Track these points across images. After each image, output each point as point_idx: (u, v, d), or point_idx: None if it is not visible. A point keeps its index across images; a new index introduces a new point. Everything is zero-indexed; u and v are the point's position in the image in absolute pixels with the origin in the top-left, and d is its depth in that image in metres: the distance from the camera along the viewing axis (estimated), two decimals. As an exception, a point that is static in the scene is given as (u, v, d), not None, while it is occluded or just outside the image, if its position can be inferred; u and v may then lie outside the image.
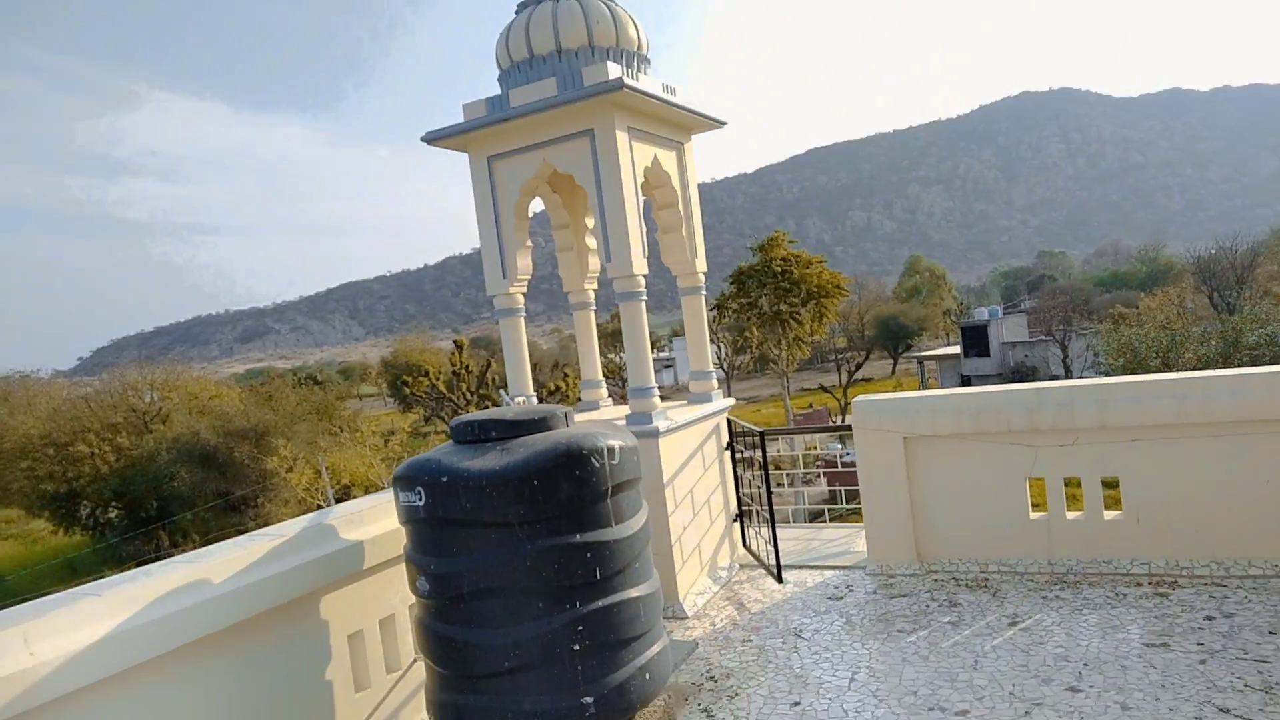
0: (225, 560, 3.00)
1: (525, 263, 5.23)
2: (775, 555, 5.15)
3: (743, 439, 5.68)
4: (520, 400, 5.20)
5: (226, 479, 29.08)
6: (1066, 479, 4.76)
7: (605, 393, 6.02)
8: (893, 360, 63.39)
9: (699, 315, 5.73)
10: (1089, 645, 3.76)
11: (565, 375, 36.27)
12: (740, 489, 5.77)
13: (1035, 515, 4.83)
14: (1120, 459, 4.57)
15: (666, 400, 5.58)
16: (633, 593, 3.17)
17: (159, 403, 34.17)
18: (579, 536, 3.01)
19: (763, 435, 5.31)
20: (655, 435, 4.69)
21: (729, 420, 5.70)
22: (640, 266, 4.82)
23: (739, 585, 5.23)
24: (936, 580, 4.85)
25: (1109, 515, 4.69)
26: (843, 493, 9.91)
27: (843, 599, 4.76)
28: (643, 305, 4.96)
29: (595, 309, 6.13)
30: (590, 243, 5.89)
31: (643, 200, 5.02)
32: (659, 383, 4.97)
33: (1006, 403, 4.78)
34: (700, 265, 5.62)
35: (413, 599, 3.70)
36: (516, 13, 5.11)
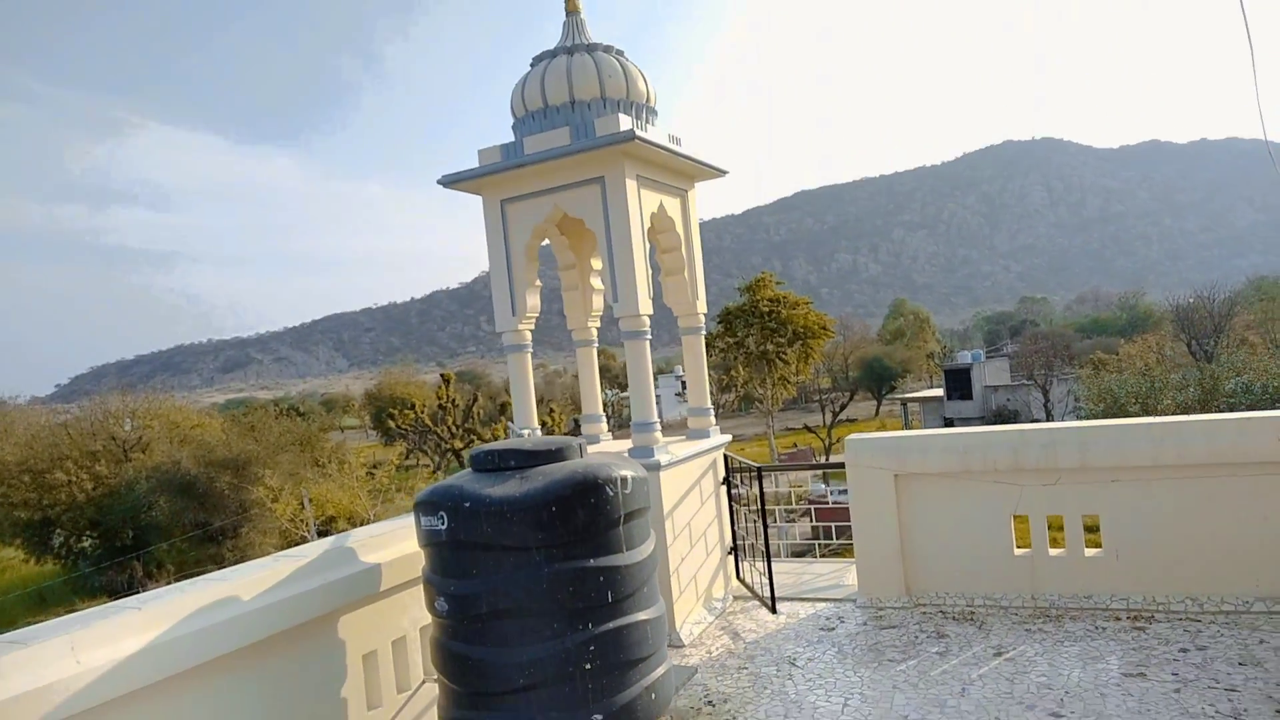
0: (253, 579, 3.15)
1: (534, 301, 5.45)
2: (770, 587, 5.32)
3: (737, 474, 5.87)
4: (528, 432, 5.38)
5: (205, 509, 28.82)
6: (1049, 517, 4.97)
7: (605, 427, 6.20)
8: (877, 401, 63.85)
9: (698, 354, 5.95)
10: (1070, 675, 3.94)
11: (550, 410, 36.37)
12: (735, 523, 5.94)
13: (1019, 551, 5.03)
14: (1100, 499, 4.79)
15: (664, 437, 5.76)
16: (641, 616, 3.33)
17: (139, 431, 33.92)
18: (593, 561, 3.18)
19: (759, 471, 5.50)
20: (657, 468, 4.87)
21: (726, 456, 5.90)
22: (646, 307, 5.04)
23: (734, 616, 5.38)
24: (925, 613, 5.02)
25: (1090, 553, 4.90)
26: (828, 530, 10.05)
27: (835, 630, 4.92)
28: (647, 344, 5.17)
29: (596, 345, 6.34)
30: (595, 282, 6.11)
31: (648, 245, 5.26)
32: (658, 420, 5.17)
33: (993, 443, 5.01)
34: (701, 306, 5.85)
35: (423, 621, 3.86)
36: (532, 65, 5.39)
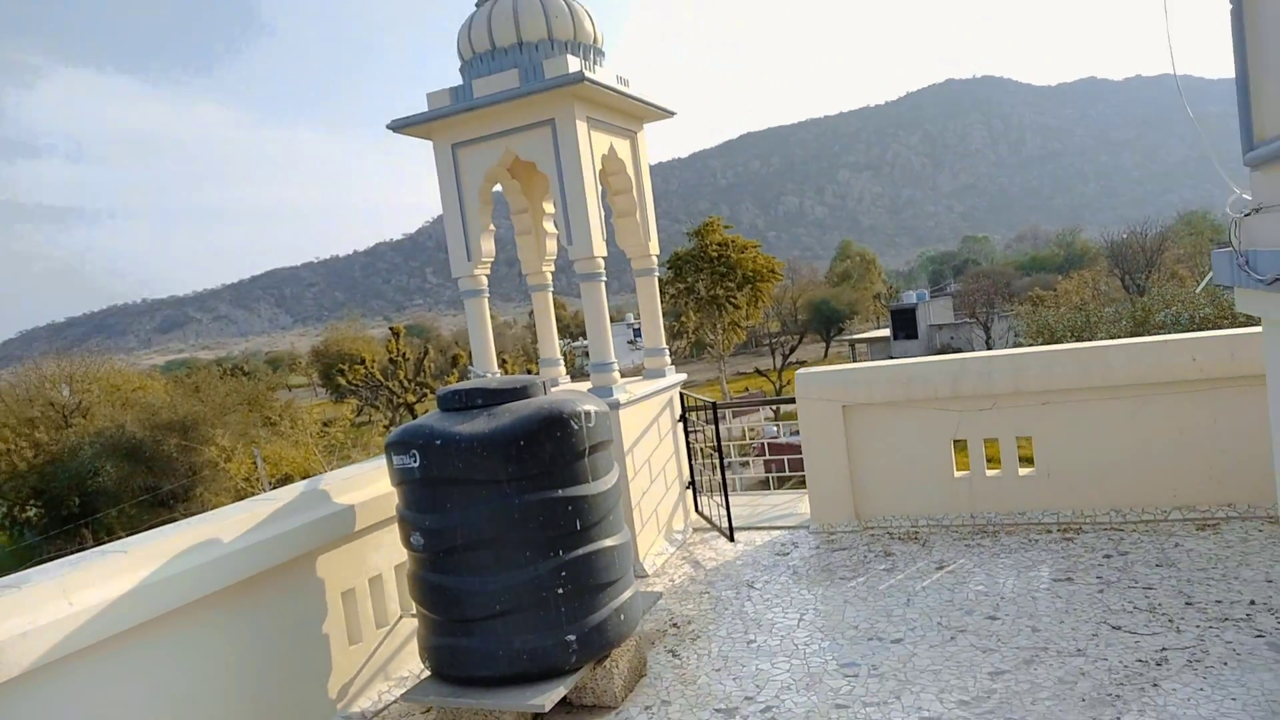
0: (234, 521, 3.25)
1: (489, 246, 5.50)
2: (728, 518, 5.56)
3: (693, 413, 6.06)
4: (489, 374, 5.49)
5: (154, 473, 28.31)
6: (986, 440, 5.28)
7: (564, 370, 6.33)
8: (825, 343, 64.97)
9: (652, 296, 6.08)
10: (1005, 583, 4.26)
11: (504, 362, 36.30)
12: (692, 459, 6.16)
13: (959, 474, 5.34)
14: (1033, 421, 5.10)
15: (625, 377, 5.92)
16: (608, 542, 3.51)
17: (79, 396, 32.98)
18: (561, 491, 3.34)
19: (715, 407, 5.70)
20: (616, 407, 5.03)
21: (682, 394, 6.08)
22: (600, 249, 5.13)
23: (694, 546, 5.63)
24: (873, 535, 5.32)
25: (1023, 472, 5.22)
26: (780, 466, 10.42)
27: (789, 554, 5.20)
28: (603, 285, 5.28)
29: (552, 290, 6.42)
30: (548, 226, 6.17)
31: (600, 187, 5.34)
32: (615, 360, 5.30)
33: (934, 372, 5.27)
34: (653, 248, 5.97)
35: (398, 559, 4.00)
36: (477, 6, 5.35)
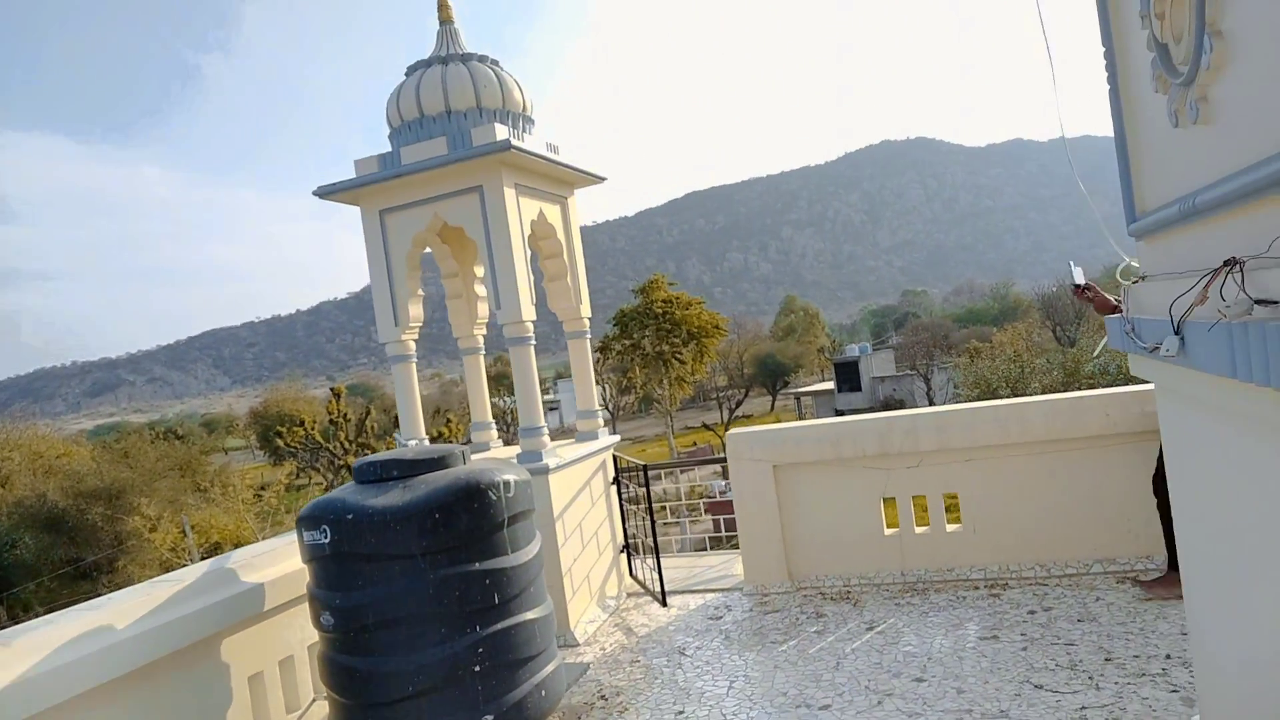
0: (127, 606, 3.09)
1: (417, 310, 5.45)
2: (660, 582, 5.49)
3: (628, 474, 6.02)
4: (413, 442, 5.38)
5: (76, 544, 26.99)
6: (915, 497, 5.34)
7: (495, 434, 6.26)
8: (771, 397, 65.60)
9: (584, 358, 6.08)
10: (934, 642, 4.26)
11: (448, 421, 35.77)
12: (626, 522, 6.10)
13: (889, 531, 5.38)
14: (958, 478, 5.18)
15: (555, 441, 5.87)
16: (528, 615, 3.43)
17: (-2, 464, 31.45)
18: (478, 565, 3.26)
19: (645, 469, 5.68)
20: (545, 472, 4.97)
21: (615, 456, 6.04)
22: (529, 313, 5.13)
23: (627, 612, 5.53)
24: (805, 595, 5.30)
25: (951, 528, 5.28)
26: (723, 524, 10.37)
27: (722, 618, 5.14)
28: (531, 349, 5.26)
29: (484, 353, 6.38)
30: (479, 290, 6.16)
31: (529, 251, 5.35)
32: (546, 424, 5.27)
33: (861, 431, 5.34)
34: (585, 310, 5.98)
35: (311, 639, 3.84)
36: (406, 75, 5.40)
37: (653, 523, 5.51)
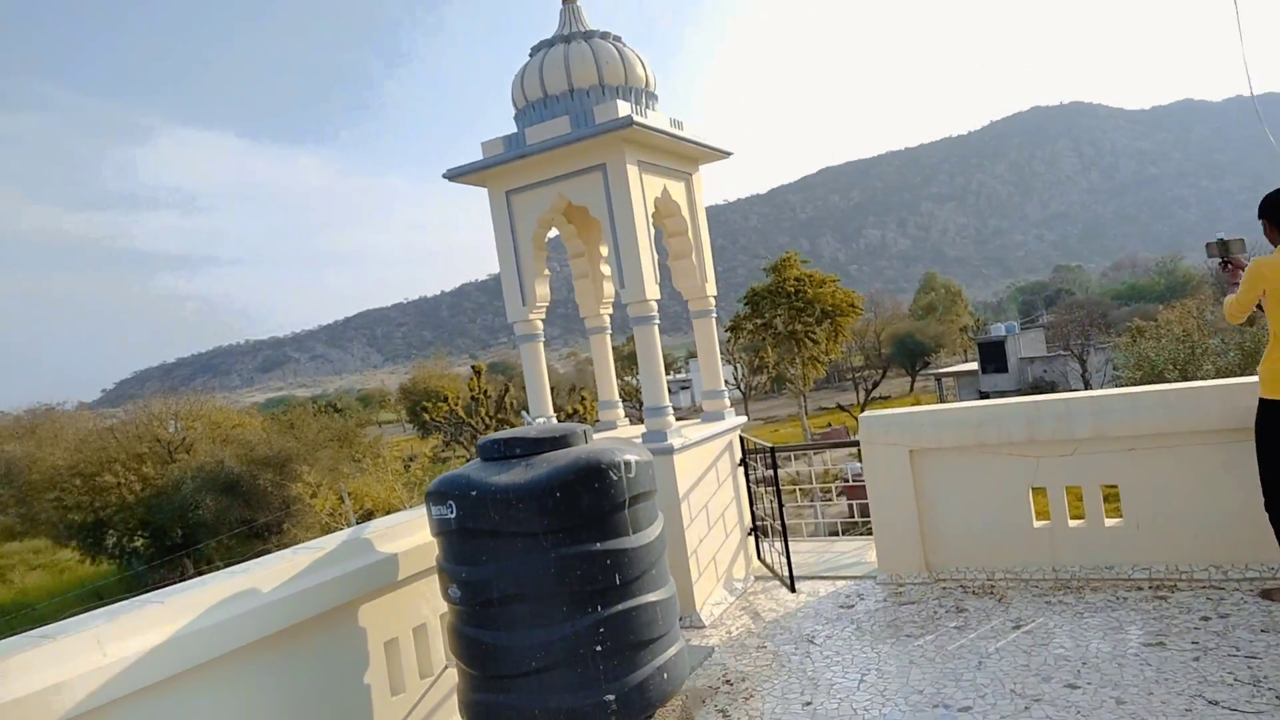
0: (273, 571, 3.25)
1: (543, 290, 5.50)
2: (789, 567, 5.34)
3: (755, 456, 5.88)
4: (541, 421, 5.45)
5: (250, 506, 29.45)
6: (1068, 488, 4.93)
7: (622, 413, 6.25)
8: (910, 378, 63.28)
9: (710, 337, 5.97)
10: (1089, 646, 3.92)
11: (582, 398, 36.54)
12: (754, 504, 5.97)
13: (1039, 524, 5.00)
14: (1118, 468, 4.74)
15: (683, 420, 5.80)
16: (650, 597, 3.38)
17: (183, 432, 34.65)
18: (599, 545, 3.23)
19: (773, 451, 5.52)
20: (670, 452, 4.91)
21: (741, 438, 5.92)
22: (652, 292, 5.06)
23: (754, 596, 5.42)
24: (945, 588, 5.02)
25: (1110, 523, 4.85)
26: (856, 508, 10.05)
27: (854, 607, 4.94)
28: (655, 328, 5.20)
29: (611, 332, 6.38)
30: (605, 269, 6.15)
31: (654, 229, 5.28)
32: (676, 404, 5.20)
33: (1006, 415, 4.97)
34: (710, 289, 5.86)
35: (443, 608, 3.94)
36: (530, 55, 5.42)
37: (780, 506, 5.35)
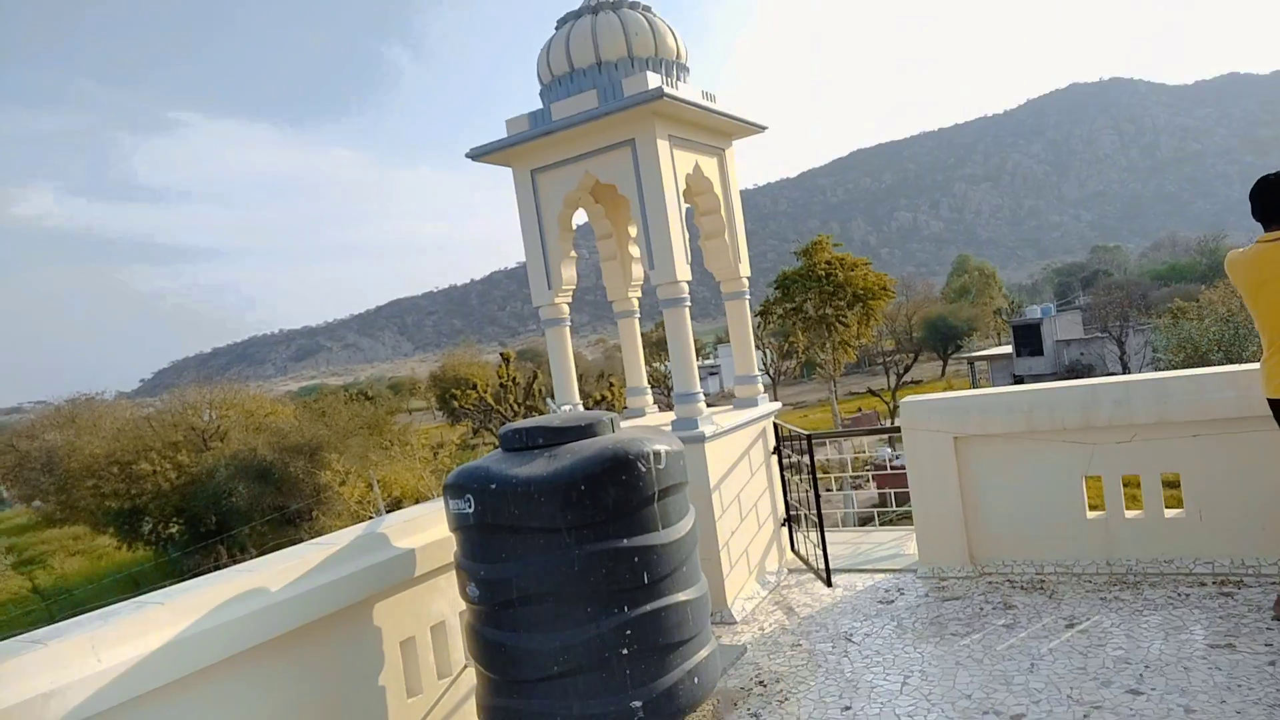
0: (281, 569, 3.09)
1: (570, 273, 5.29)
2: (824, 559, 5.11)
3: (790, 443, 5.65)
4: (567, 408, 5.25)
5: (282, 493, 29.73)
6: (1124, 477, 4.64)
7: (651, 399, 6.04)
8: (942, 362, 62.33)
9: (743, 320, 5.73)
10: (1150, 647, 3.66)
11: (610, 384, 36.39)
12: (788, 493, 5.73)
13: (1092, 515, 4.72)
14: (1180, 455, 4.44)
15: (713, 406, 5.57)
16: (680, 597, 3.18)
17: (217, 421, 35.07)
18: (626, 541, 3.03)
19: (809, 439, 5.28)
20: (701, 440, 4.69)
21: (775, 424, 5.68)
22: (683, 273, 4.83)
23: (787, 590, 5.19)
24: (990, 583, 4.76)
25: (1170, 514, 4.56)
26: (893, 496, 9.78)
27: (894, 602, 4.70)
28: (686, 311, 4.97)
29: (640, 316, 6.16)
30: (633, 251, 5.92)
31: (685, 207, 5.05)
32: (704, 390, 4.97)
33: (1060, 400, 4.68)
34: (744, 270, 5.62)
35: (462, 605, 3.77)
36: (556, 28, 5.19)
37: (817, 496, 5.11)
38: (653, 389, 6.37)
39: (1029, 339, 46.28)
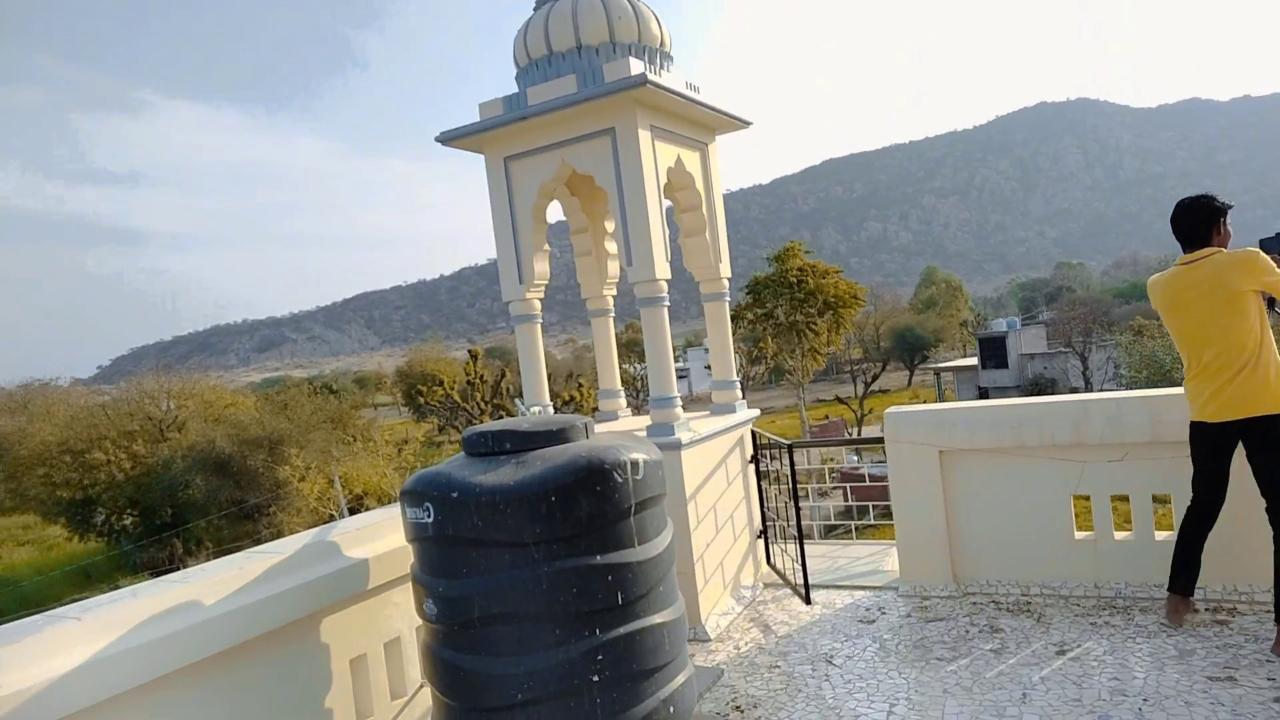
0: (218, 580, 2.79)
1: (543, 267, 5.03)
2: (803, 574, 4.90)
3: (766, 451, 5.43)
4: (536, 410, 4.97)
5: (241, 487, 29.01)
6: (1114, 496, 4.49)
7: (624, 402, 5.80)
8: (909, 372, 62.83)
9: (722, 322, 5.51)
10: (1146, 678, 3.48)
11: (580, 385, 36.06)
12: (764, 504, 5.52)
13: (1081, 535, 4.56)
14: (1175, 475, 4.28)
15: (687, 411, 5.34)
16: (656, 619, 2.92)
17: (175, 411, 34.16)
18: (599, 558, 2.77)
19: (790, 448, 5.07)
20: (678, 448, 4.46)
21: (754, 432, 5.46)
22: (663, 270, 4.60)
23: (764, 605, 4.97)
24: (975, 603, 4.57)
25: (1160, 535, 4.41)
26: (861, 508, 9.65)
27: (875, 622, 4.49)
28: (665, 311, 4.74)
29: (614, 316, 5.91)
30: (610, 247, 5.68)
31: (665, 203, 4.81)
32: (678, 394, 4.75)
33: (1050, 415, 4.52)
34: (725, 270, 5.40)
35: (419, 621, 3.49)
36: (535, 9, 4.93)
37: (797, 510, 4.90)
38: (624, 390, 6.12)
39: (994, 352, 46.79)
